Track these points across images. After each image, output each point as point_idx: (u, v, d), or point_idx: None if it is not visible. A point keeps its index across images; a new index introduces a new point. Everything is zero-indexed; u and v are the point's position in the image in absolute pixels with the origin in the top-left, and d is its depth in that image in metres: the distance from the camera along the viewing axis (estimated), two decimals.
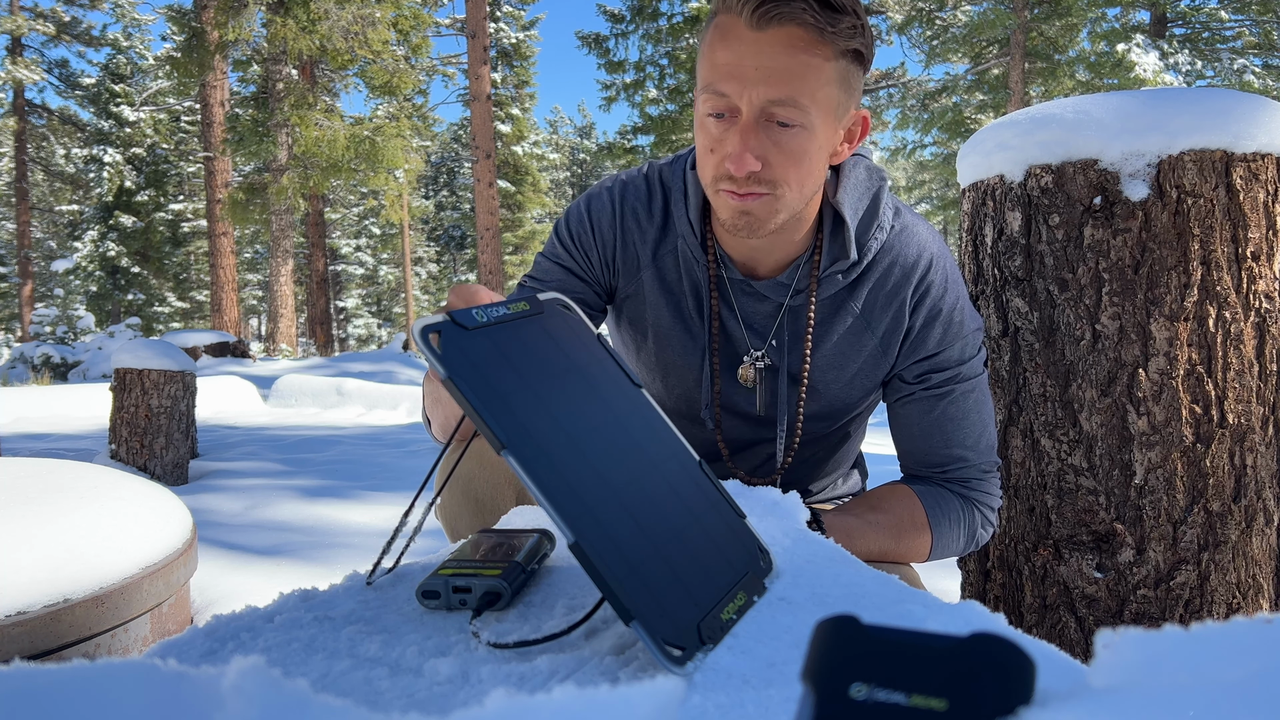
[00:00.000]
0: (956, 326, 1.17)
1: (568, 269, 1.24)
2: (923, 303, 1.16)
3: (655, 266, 1.22)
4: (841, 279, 1.16)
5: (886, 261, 1.16)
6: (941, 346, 1.17)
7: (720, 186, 1.04)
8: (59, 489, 1.57)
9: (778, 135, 0.99)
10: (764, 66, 0.95)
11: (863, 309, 1.18)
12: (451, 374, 0.60)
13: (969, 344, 1.18)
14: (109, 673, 0.32)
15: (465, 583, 0.67)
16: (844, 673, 0.31)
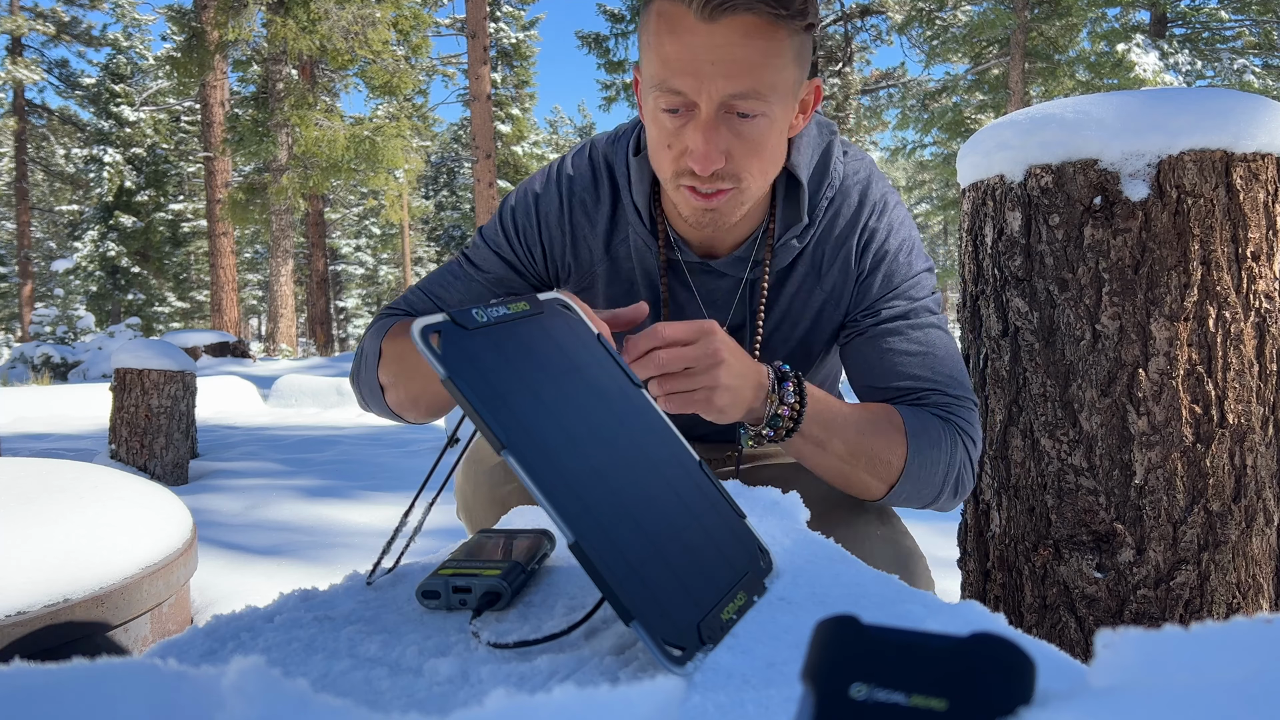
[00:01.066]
0: (904, 268, 1.13)
1: (508, 262, 1.20)
2: (868, 248, 1.13)
3: (609, 259, 1.19)
4: (797, 244, 1.13)
5: (832, 212, 1.13)
6: (888, 289, 1.13)
7: (681, 182, 1.00)
8: (59, 489, 1.57)
9: (739, 126, 0.95)
10: (720, 60, 0.90)
11: (812, 263, 1.14)
12: (451, 374, 0.60)
13: (919, 285, 1.14)
14: (109, 673, 0.32)
15: (465, 583, 0.68)
16: (844, 673, 0.31)
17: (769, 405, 0.97)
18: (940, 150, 19.63)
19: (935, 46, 17.15)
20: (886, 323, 1.12)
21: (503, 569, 0.69)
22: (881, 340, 1.12)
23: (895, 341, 1.11)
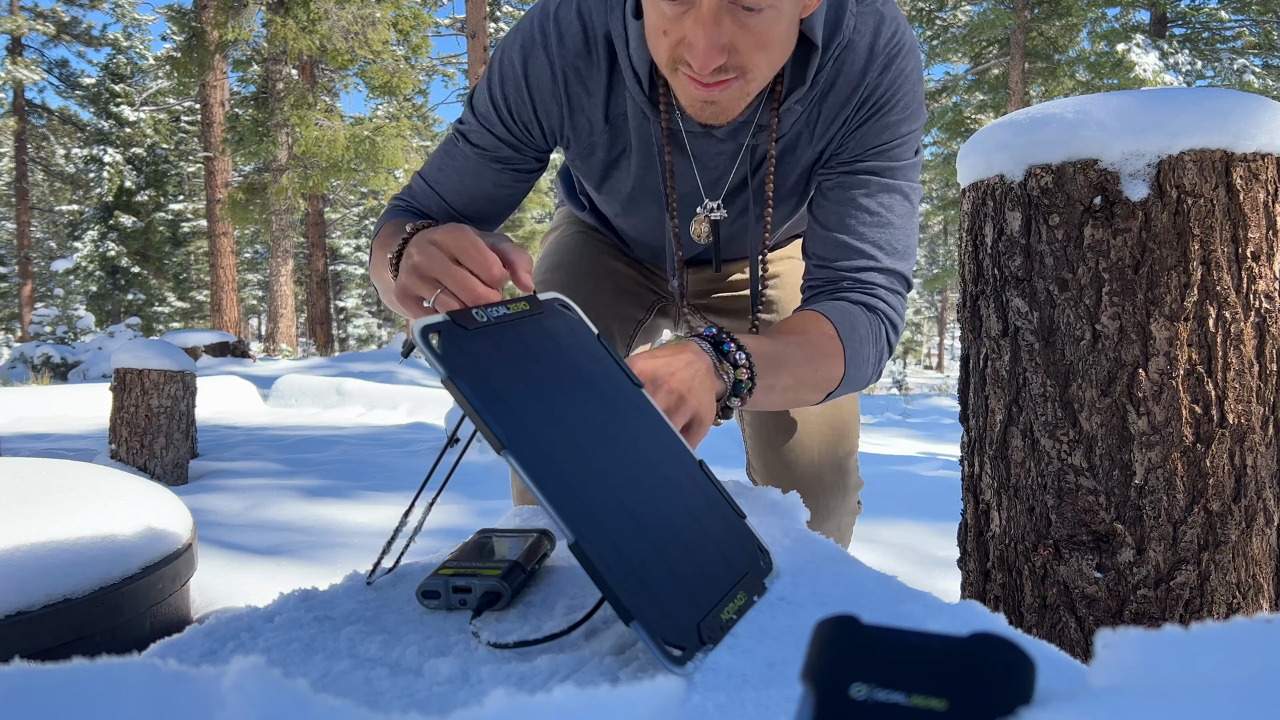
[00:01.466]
0: (895, 127, 1.07)
1: (504, 140, 1.14)
2: (865, 104, 1.06)
3: (609, 128, 1.12)
4: (799, 107, 1.06)
5: (835, 70, 1.05)
6: (874, 144, 1.08)
7: (679, 69, 0.92)
8: (59, 489, 1.57)
9: (744, 19, 0.87)
10: None
11: (808, 121, 1.08)
12: (452, 374, 0.60)
13: (906, 144, 1.08)
14: (109, 673, 0.32)
15: (465, 583, 0.68)
16: (844, 673, 0.31)
17: (724, 378, 0.94)
18: (940, 150, 19.62)
19: (935, 46, 17.15)
20: (860, 174, 1.08)
21: (503, 569, 0.69)
22: (847, 190, 1.08)
23: (859, 195, 1.08)
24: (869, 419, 9.10)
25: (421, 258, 0.80)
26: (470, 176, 1.16)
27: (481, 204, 1.18)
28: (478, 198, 1.17)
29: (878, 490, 3.71)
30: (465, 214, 1.18)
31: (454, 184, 1.17)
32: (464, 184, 1.17)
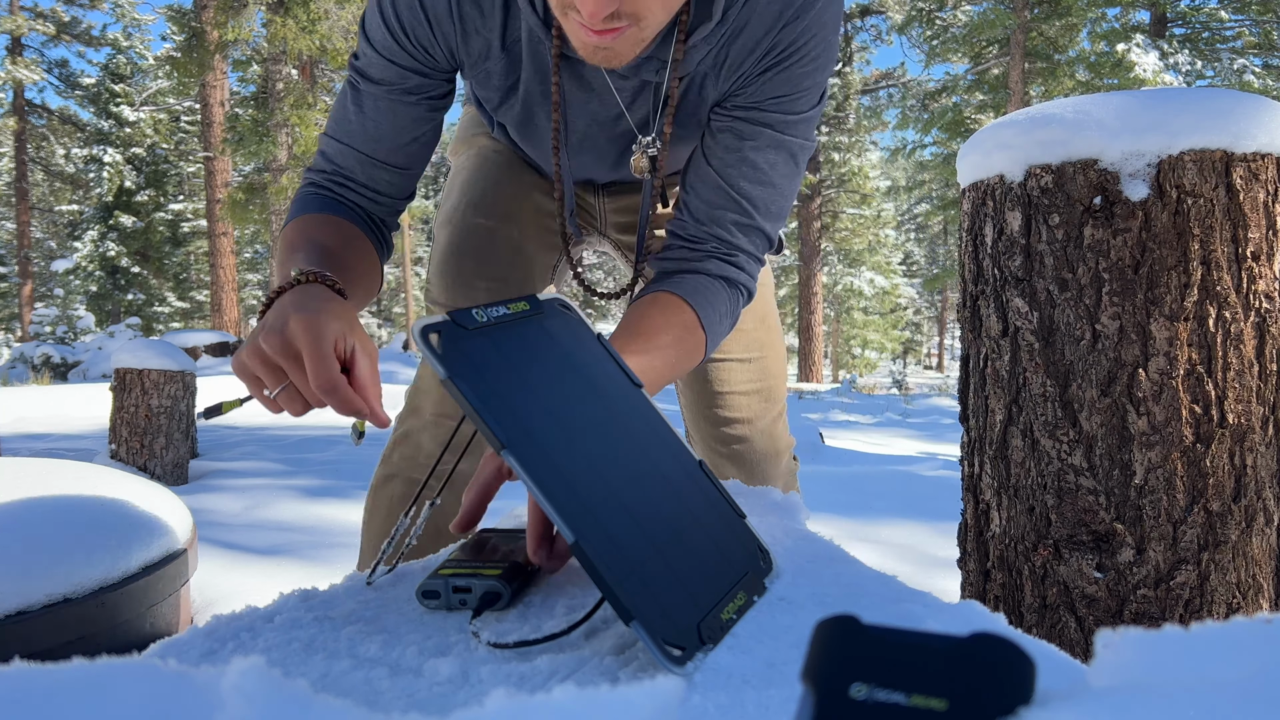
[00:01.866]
0: (800, 78, 1.02)
1: (408, 69, 1.07)
2: (772, 52, 1.01)
3: (506, 54, 1.07)
4: (708, 46, 1.01)
5: (749, 10, 1.00)
6: (775, 93, 1.03)
7: (569, 13, 0.87)
8: (59, 489, 1.57)
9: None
10: None
11: (715, 62, 1.03)
12: (451, 374, 0.60)
13: (807, 96, 1.04)
14: (109, 673, 0.32)
15: (465, 583, 0.68)
16: (844, 673, 0.31)
17: None
18: (940, 150, 19.63)
19: (935, 46, 17.15)
20: (756, 124, 1.05)
21: (503, 569, 0.69)
22: (739, 139, 1.05)
23: (748, 148, 1.05)
24: (868, 419, 9.11)
25: (269, 344, 0.78)
26: (384, 119, 1.09)
27: (402, 147, 1.11)
28: (396, 141, 1.10)
29: (878, 490, 3.71)
30: (389, 162, 1.11)
31: (367, 133, 1.10)
32: (378, 129, 1.09)
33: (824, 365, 24.38)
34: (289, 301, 0.82)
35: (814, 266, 20.26)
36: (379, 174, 1.12)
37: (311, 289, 0.86)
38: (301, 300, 0.82)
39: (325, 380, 0.75)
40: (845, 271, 24.59)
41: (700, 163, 1.10)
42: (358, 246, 1.08)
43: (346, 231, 1.08)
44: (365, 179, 1.12)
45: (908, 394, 14.06)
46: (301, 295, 0.84)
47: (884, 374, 24.72)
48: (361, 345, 0.80)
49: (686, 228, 1.12)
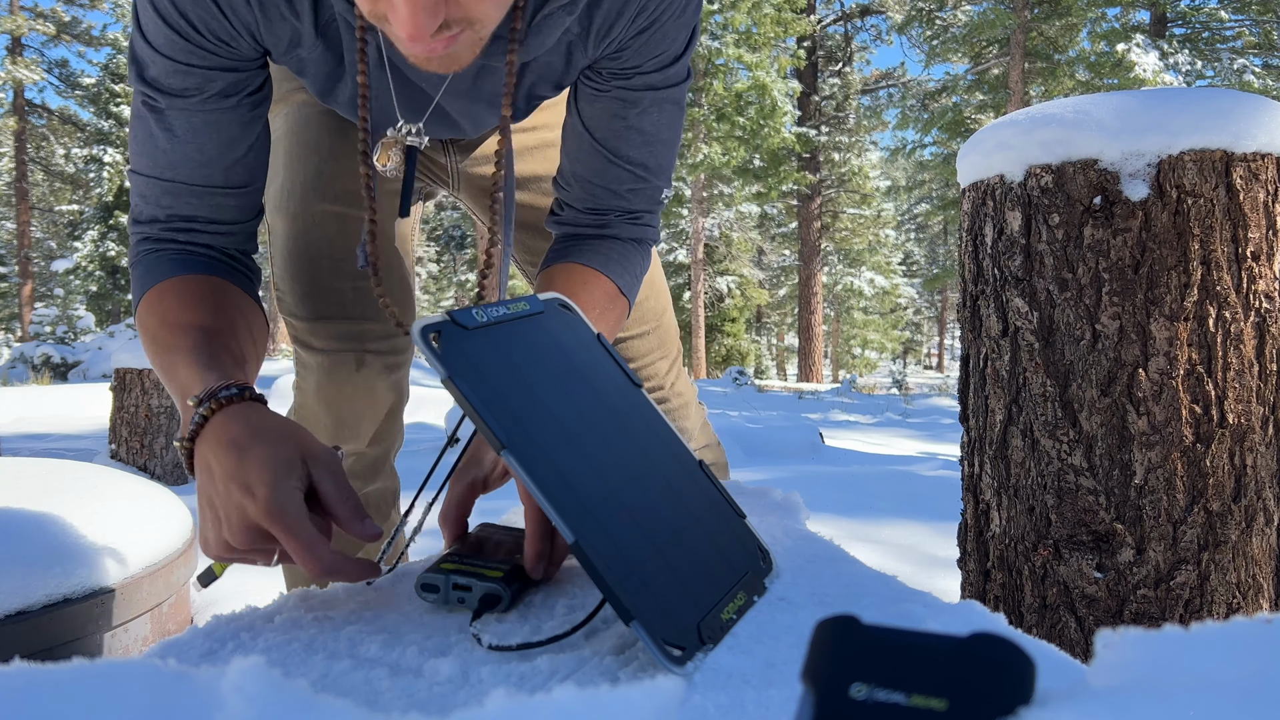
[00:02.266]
0: (674, 34, 0.94)
1: (206, 68, 0.87)
2: (639, 17, 0.92)
3: (322, 40, 0.91)
4: (568, 16, 0.89)
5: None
6: (647, 57, 0.95)
7: (384, 25, 0.73)
8: (59, 489, 1.57)
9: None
10: None
11: (581, 33, 0.93)
12: (451, 374, 0.60)
13: (683, 40, 0.96)
14: (109, 673, 0.32)
15: (466, 581, 0.67)
16: (844, 673, 0.31)
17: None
18: (940, 150, 19.63)
19: (935, 46, 17.16)
20: (638, 90, 0.97)
21: (504, 572, 0.69)
22: (624, 107, 0.98)
23: (633, 115, 0.98)
24: (868, 419, 9.11)
25: (238, 539, 0.69)
26: (203, 136, 0.90)
27: (237, 162, 0.93)
28: (228, 158, 0.92)
29: (878, 490, 3.71)
30: (228, 185, 0.93)
31: (190, 159, 0.90)
32: (202, 151, 0.90)
33: (824, 365, 24.38)
34: (220, 466, 0.71)
35: (814, 266, 20.27)
36: (221, 202, 0.94)
37: (231, 424, 0.73)
38: (234, 459, 0.70)
39: (321, 568, 0.68)
40: (845, 271, 24.59)
41: (583, 136, 1.01)
42: (234, 306, 0.92)
43: (215, 296, 0.91)
44: (207, 214, 0.94)
45: (908, 394, 14.06)
46: (227, 445, 0.71)
47: (884, 374, 24.72)
48: (319, 465, 0.71)
49: (584, 201, 1.06)
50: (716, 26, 17.03)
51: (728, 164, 17.16)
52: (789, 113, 17.51)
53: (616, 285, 1.03)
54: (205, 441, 0.73)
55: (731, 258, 22.22)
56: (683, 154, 17.51)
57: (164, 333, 0.86)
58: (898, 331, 28.23)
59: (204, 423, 0.74)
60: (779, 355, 30.28)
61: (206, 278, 0.92)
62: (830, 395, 12.51)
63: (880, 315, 26.70)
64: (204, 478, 0.72)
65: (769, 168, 18.15)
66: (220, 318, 0.89)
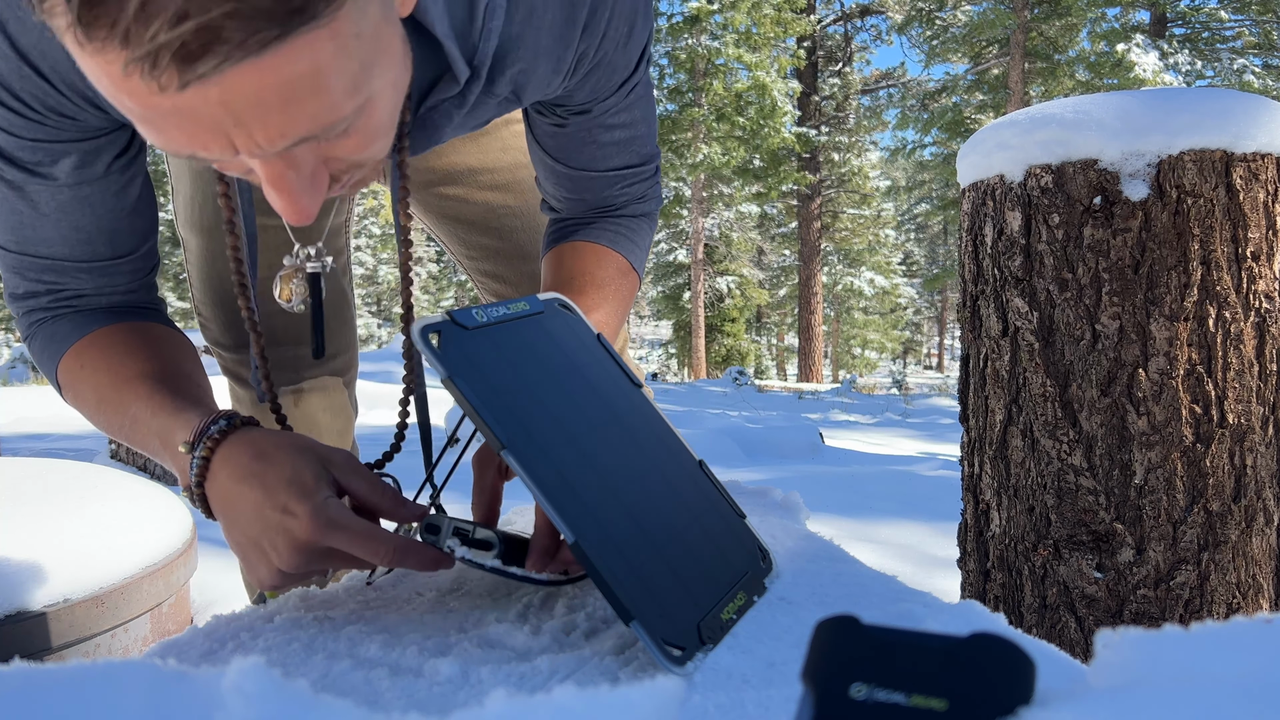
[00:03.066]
0: (629, 54, 0.87)
1: (56, 142, 0.75)
2: (585, 62, 0.85)
3: None
4: (456, 110, 0.81)
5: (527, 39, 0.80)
6: (609, 82, 0.89)
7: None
8: (59, 489, 1.57)
9: (327, 149, 0.59)
10: (238, 115, 0.51)
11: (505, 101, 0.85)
12: (452, 373, 0.60)
13: (639, 47, 0.88)
14: (109, 673, 0.32)
15: (466, 526, 0.68)
16: (844, 673, 0.31)
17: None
18: (940, 150, 19.63)
19: (935, 46, 17.16)
20: (605, 113, 0.92)
21: (504, 534, 0.69)
22: (593, 134, 0.93)
23: (604, 138, 0.94)
24: (868, 419, 9.11)
25: (291, 562, 0.66)
26: (75, 211, 0.79)
27: (122, 229, 0.82)
28: (112, 228, 0.81)
29: (878, 490, 3.71)
30: (117, 255, 0.83)
31: (65, 237, 0.80)
32: (78, 226, 0.80)
33: (824, 365, 24.39)
34: (247, 501, 0.67)
35: (814, 266, 20.27)
36: (113, 271, 0.84)
37: (239, 456, 0.69)
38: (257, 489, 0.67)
39: (392, 550, 0.65)
40: (845, 271, 24.60)
41: (555, 166, 0.97)
42: (165, 343, 0.85)
43: (142, 339, 0.84)
44: (96, 287, 0.84)
45: (908, 394, 14.06)
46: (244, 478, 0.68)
47: (884, 374, 24.74)
48: (340, 468, 0.69)
49: (577, 208, 1.02)
50: (716, 26, 17.03)
51: (728, 164, 17.17)
52: (789, 113, 17.52)
53: (628, 260, 1.01)
54: (217, 481, 0.70)
55: (731, 258, 22.23)
56: (683, 154, 17.52)
57: (108, 391, 0.80)
58: (898, 331, 28.23)
59: (206, 464, 0.70)
60: (779, 355, 30.30)
61: (122, 325, 0.85)
62: (830, 395, 12.51)
63: (880, 315, 26.71)
64: (230, 518, 0.69)
65: (769, 168, 18.16)
66: (159, 360, 0.82)
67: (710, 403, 10.37)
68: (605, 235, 1.00)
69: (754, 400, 11.03)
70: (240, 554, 0.69)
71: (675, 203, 20.75)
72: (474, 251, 1.33)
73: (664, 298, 23.96)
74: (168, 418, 0.75)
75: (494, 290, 1.36)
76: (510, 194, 1.29)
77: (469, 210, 1.29)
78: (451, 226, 1.32)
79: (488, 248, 1.32)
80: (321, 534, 0.64)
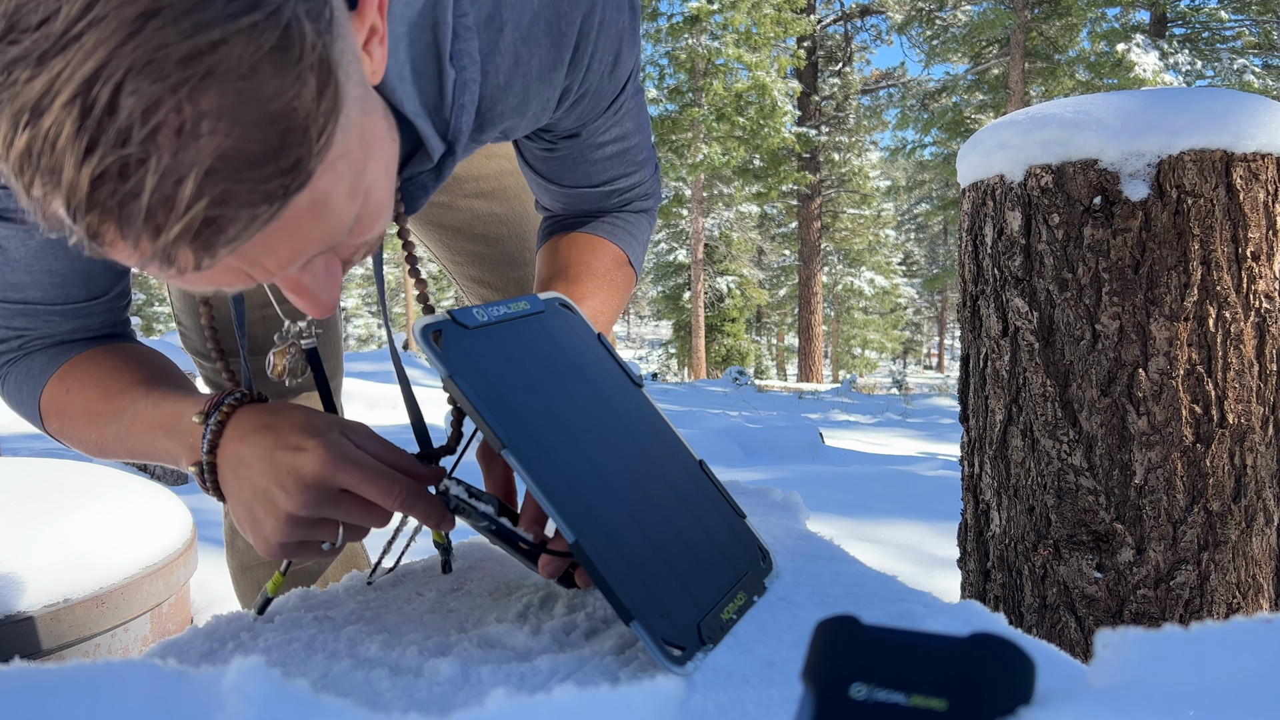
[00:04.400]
0: (615, 80, 0.86)
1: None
2: (568, 97, 0.84)
3: None
4: (432, 182, 0.81)
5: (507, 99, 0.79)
6: (597, 107, 0.89)
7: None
8: (59, 489, 1.57)
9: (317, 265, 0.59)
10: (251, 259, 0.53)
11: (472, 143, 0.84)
12: (452, 373, 0.60)
13: (627, 68, 0.87)
14: (109, 673, 0.32)
15: (478, 492, 0.67)
16: (844, 673, 0.31)
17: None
18: (940, 150, 19.63)
19: (935, 46, 17.16)
20: (592, 137, 0.92)
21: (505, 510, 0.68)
22: (584, 153, 0.93)
23: (596, 156, 0.94)
24: (868, 419, 9.11)
25: (300, 503, 0.64)
26: (50, 258, 0.78)
27: (101, 271, 0.82)
28: (87, 269, 0.80)
29: (878, 490, 3.71)
30: (92, 296, 0.82)
31: (39, 283, 0.79)
32: (51, 274, 0.79)
33: (824, 365, 24.39)
34: (256, 449, 0.66)
35: (814, 266, 20.27)
36: (89, 311, 0.84)
37: (252, 417, 0.68)
38: (269, 436, 0.66)
39: (403, 493, 0.64)
40: (845, 271, 24.60)
41: (550, 186, 0.98)
42: (150, 357, 0.85)
43: (127, 356, 0.84)
44: (72, 328, 0.84)
45: (908, 394, 14.06)
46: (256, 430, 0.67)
47: (884, 374, 24.74)
48: (354, 432, 0.68)
49: (575, 213, 1.03)
50: (716, 26, 17.03)
51: (728, 164, 17.17)
52: (789, 113, 17.52)
53: (625, 253, 1.00)
54: (228, 444, 0.69)
55: (731, 258, 22.22)
56: (683, 154, 17.52)
57: (100, 406, 0.79)
58: (898, 331, 28.24)
59: (220, 430, 0.69)
60: (779, 355, 30.30)
61: (101, 349, 0.84)
62: (830, 395, 12.51)
63: (880, 315, 26.71)
64: (237, 475, 0.67)
65: (769, 168, 18.16)
66: (150, 369, 0.82)
67: (710, 403, 10.37)
68: (602, 226, 1.00)
69: (754, 400, 11.03)
70: (247, 514, 0.67)
71: (675, 203, 20.74)
72: (460, 258, 1.34)
73: (664, 298, 23.96)
74: (174, 403, 0.74)
75: (482, 296, 1.37)
76: (496, 201, 1.30)
77: (455, 217, 1.30)
78: (438, 234, 1.32)
79: (474, 254, 1.33)
80: (334, 467, 0.63)
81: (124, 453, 0.79)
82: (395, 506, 0.64)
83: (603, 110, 0.90)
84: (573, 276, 0.93)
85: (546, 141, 0.93)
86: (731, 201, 21.80)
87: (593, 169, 0.95)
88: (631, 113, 0.94)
